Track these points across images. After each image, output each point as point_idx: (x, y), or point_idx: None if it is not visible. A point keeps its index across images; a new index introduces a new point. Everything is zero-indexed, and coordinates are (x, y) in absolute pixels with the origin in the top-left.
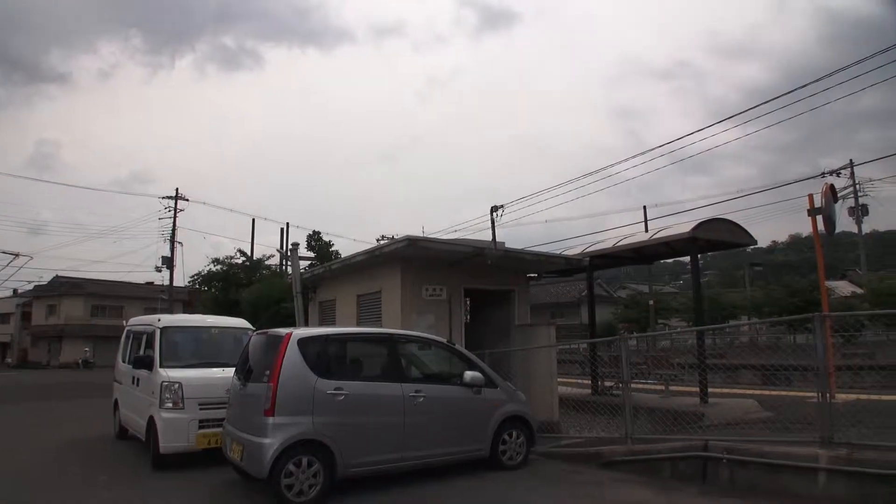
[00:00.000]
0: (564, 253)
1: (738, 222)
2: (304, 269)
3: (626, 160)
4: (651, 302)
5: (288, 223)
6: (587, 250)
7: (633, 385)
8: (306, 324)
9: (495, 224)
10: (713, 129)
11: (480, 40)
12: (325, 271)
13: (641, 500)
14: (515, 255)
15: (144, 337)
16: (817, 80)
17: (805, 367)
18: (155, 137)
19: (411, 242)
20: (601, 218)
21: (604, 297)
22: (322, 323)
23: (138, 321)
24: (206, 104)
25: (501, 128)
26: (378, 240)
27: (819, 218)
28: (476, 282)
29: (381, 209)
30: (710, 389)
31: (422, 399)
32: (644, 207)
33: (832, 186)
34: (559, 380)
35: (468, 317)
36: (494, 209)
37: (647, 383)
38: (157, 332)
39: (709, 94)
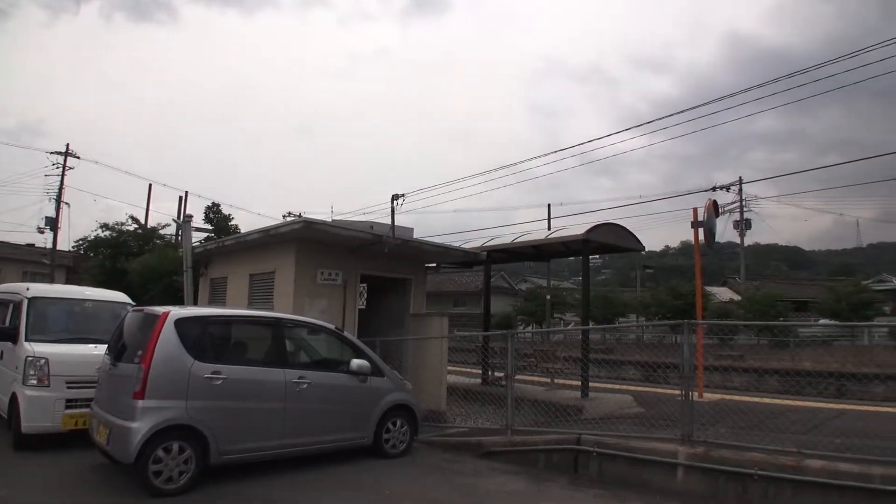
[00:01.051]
0: (466, 245)
1: (639, 225)
2: (200, 242)
3: (539, 157)
4: (548, 297)
5: (187, 192)
6: (486, 244)
7: (521, 377)
8: (195, 301)
9: (395, 212)
10: (622, 135)
11: (409, 23)
12: (218, 247)
13: (514, 491)
14: (414, 246)
15: (11, 307)
16: (713, 102)
17: (678, 366)
18: (51, 87)
19: (307, 225)
20: (512, 212)
21: (506, 290)
22: (212, 301)
23: (5, 289)
24: (111, 56)
25: (425, 113)
26: (284, 216)
27: (700, 230)
28: (374, 268)
29: (292, 184)
30: (592, 384)
31: (305, 386)
32: (549, 206)
33: (715, 202)
34: (454, 368)
35: (364, 303)
36: (395, 197)
37: (534, 376)
38: (25, 303)
39: (621, 101)
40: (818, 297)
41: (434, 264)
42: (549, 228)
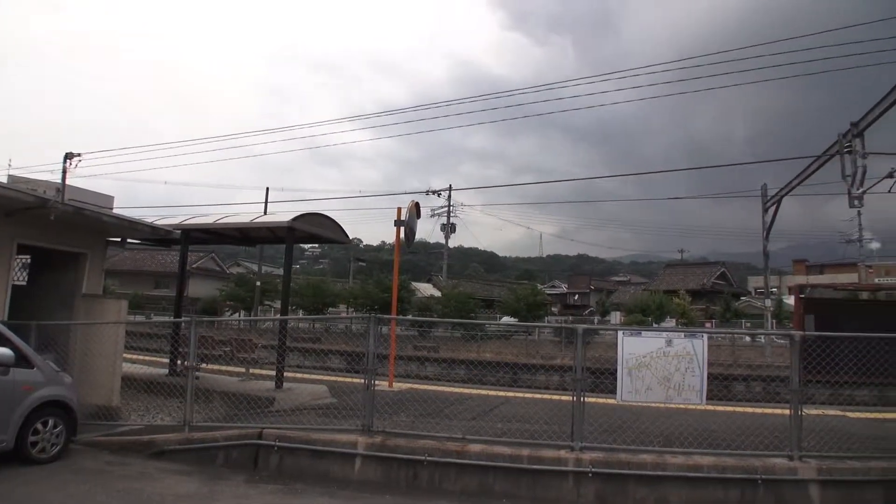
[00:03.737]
0: (161, 221)
1: (359, 219)
2: None
3: (262, 132)
4: (258, 283)
5: None
6: (185, 222)
7: (216, 368)
8: None
9: (66, 172)
10: (348, 125)
11: None
12: None
13: (183, 493)
14: (90, 215)
15: None
16: (432, 107)
17: (382, 357)
18: None
19: None
20: (239, 191)
21: (216, 272)
22: None
23: None
24: None
25: (143, 68)
26: None
27: (402, 229)
28: (38, 238)
29: None
30: (292, 374)
31: None
32: (266, 189)
33: (417, 204)
34: (141, 357)
35: (25, 278)
36: (69, 157)
37: (230, 366)
38: None
39: (352, 98)
40: (504, 297)
41: (119, 239)
42: (265, 212)
